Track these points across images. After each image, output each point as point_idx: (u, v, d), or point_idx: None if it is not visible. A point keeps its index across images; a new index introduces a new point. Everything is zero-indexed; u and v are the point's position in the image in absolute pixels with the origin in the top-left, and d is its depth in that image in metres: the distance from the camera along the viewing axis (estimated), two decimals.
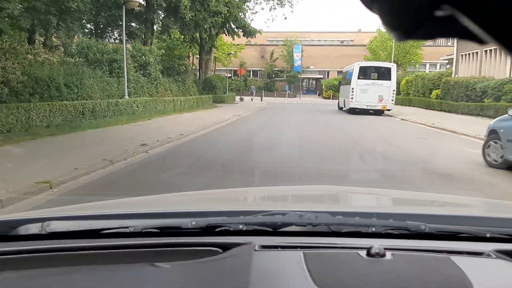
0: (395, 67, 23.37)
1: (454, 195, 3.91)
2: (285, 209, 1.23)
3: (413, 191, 3.95)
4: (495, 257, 1.05)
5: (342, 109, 25.06)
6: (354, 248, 1.04)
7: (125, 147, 8.04)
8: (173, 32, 25.46)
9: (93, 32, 23.46)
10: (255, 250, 1.03)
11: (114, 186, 5.63)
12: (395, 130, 14.10)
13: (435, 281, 0.90)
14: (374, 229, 1.15)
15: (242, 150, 8.88)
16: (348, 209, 1.59)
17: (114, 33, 24.90)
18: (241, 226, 1.13)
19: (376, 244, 1.01)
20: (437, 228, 1.15)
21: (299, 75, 49.31)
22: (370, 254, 0.98)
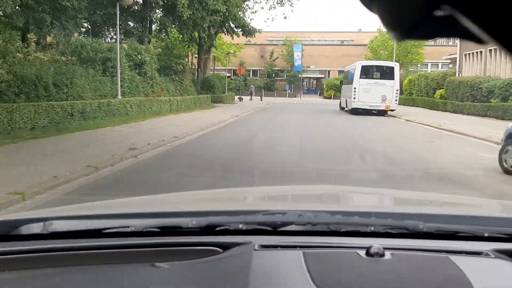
0: (398, 66, 22.88)
1: (453, 195, 3.95)
2: (284, 208, 1.23)
3: (412, 191, 3.90)
4: (494, 256, 1.03)
5: (344, 109, 24.54)
6: (353, 247, 1.03)
7: (113, 152, 7.46)
8: (171, 31, 25.03)
9: (90, 31, 22.98)
10: (255, 250, 1.03)
11: (98, 196, 5.07)
12: (401, 132, 13.44)
13: (434, 280, 0.89)
14: (373, 228, 1.14)
15: (240, 157, 8.27)
16: (347, 208, 1.58)
17: (111, 32, 24.38)
18: (241, 226, 1.12)
19: (375, 243, 1.00)
20: (435, 227, 1.15)
21: (300, 75, 48.90)
22: (369, 254, 0.97)
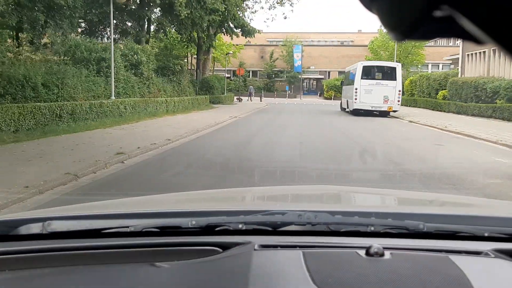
0: (400, 67, 22.35)
1: (453, 195, 3.90)
2: (284, 208, 1.24)
3: (412, 191, 3.89)
4: (494, 256, 1.02)
5: (345, 110, 24.06)
6: (353, 247, 1.02)
7: (97, 157, 6.88)
8: (169, 31, 24.50)
9: (86, 30, 22.45)
10: (255, 250, 1.02)
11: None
12: (406, 134, 12.87)
13: (434, 280, 0.88)
14: (373, 228, 1.13)
15: (234, 161, 7.71)
16: (347, 208, 1.58)
17: (108, 31, 23.85)
18: (240, 226, 1.12)
19: (375, 243, 0.99)
20: (435, 227, 1.14)
21: (300, 76, 48.37)
22: (369, 254, 0.96)
